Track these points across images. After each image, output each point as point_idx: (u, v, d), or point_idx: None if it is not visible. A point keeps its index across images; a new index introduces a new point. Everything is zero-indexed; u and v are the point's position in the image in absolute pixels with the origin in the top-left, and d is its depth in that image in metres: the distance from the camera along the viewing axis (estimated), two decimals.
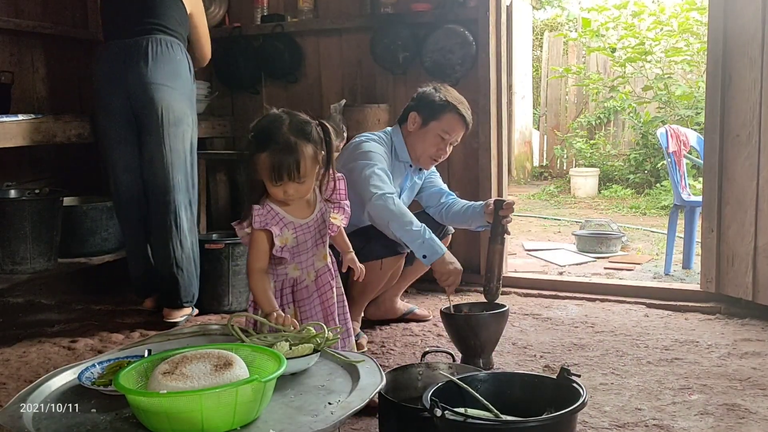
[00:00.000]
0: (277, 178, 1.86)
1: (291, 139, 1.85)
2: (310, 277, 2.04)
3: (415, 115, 2.76)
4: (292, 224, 1.95)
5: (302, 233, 1.98)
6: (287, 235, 1.95)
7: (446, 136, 2.73)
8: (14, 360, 2.67)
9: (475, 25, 3.49)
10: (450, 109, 2.71)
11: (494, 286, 2.51)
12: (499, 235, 2.54)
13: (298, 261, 2.00)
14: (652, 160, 7.59)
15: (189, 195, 3.05)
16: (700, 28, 7.11)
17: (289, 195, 1.90)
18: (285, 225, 1.94)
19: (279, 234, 1.93)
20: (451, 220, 2.90)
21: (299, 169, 1.85)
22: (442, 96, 2.72)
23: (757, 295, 3.00)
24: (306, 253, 2.01)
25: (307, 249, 2.01)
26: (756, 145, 2.95)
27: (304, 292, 2.04)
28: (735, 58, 3.00)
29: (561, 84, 9.32)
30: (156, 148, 2.95)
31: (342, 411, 1.47)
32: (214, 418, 1.36)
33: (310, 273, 2.04)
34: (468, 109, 2.76)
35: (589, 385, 2.20)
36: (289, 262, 1.99)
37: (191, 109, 3.07)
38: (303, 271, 2.02)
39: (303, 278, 2.03)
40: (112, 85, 2.94)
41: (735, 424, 1.99)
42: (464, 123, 2.74)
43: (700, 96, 6.47)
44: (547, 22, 11.55)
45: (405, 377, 2.00)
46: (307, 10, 3.84)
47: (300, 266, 2.01)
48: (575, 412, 1.55)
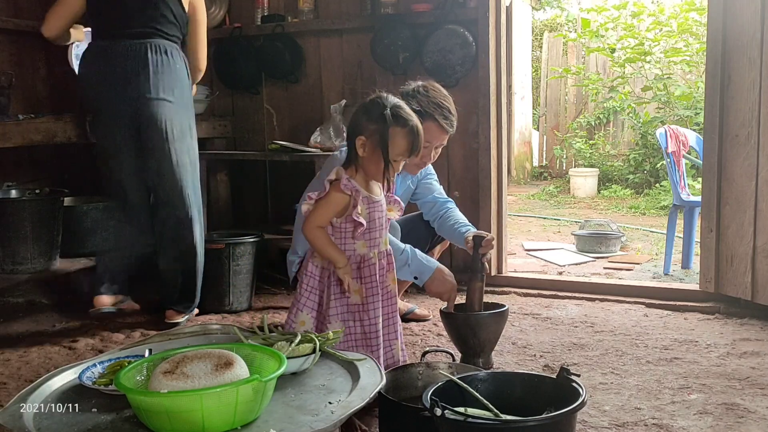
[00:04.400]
0: (414, 150, 2.03)
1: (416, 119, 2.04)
2: (375, 257, 2.10)
3: None
4: (367, 199, 2.05)
5: (374, 210, 2.07)
6: (362, 209, 2.04)
7: (427, 144, 2.61)
8: (15, 360, 2.67)
9: (475, 25, 3.49)
10: (427, 118, 2.56)
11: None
12: (478, 272, 2.48)
13: (367, 238, 2.08)
14: (652, 161, 7.60)
15: (198, 206, 3.05)
16: (699, 28, 7.11)
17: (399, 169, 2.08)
18: (361, 199, 2.03)
19: (360, 204, 2.03)
20: (441, 233, 2.85)
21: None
22: (420, 103, 2.56)
23: (756, 294, 3.01)
24: (375, 231, 2.08)
25: (376, 228, 2.08)
26: (755, 145, 2.95)
27: (371, 270, 2.09)
28: (734, 58, 3.01)
29: (560, 84, 9.32)
30: (164, 164, 2.93)
31: (342, 410, 1.48)
32: (214, 418, 1.37)
33: (376, 252, 2.10)
34: (450, 113, 2.63)
35: (588, 385, 2.21)
36: (359, 237, 2.06)
37: (192, 119, 3.05)
38: (370, 249, 2.09)
39: (370, 256, 2.09)
40: (112, 91, 2.88)
41: (734, 424, 2.00)
42: (443, 129, 2.63)
43: (700, 96, 6.48)
44: (546, 22, 11.54)
45: (405, 377, 2.01)
46: (307, 10, 3.84)
47: (368, 244, 2.08)
48: (575, 411, 1.56)
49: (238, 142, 4.15)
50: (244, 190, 4.18)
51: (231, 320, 3.15)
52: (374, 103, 2.06)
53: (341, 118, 3.57)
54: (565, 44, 9.44)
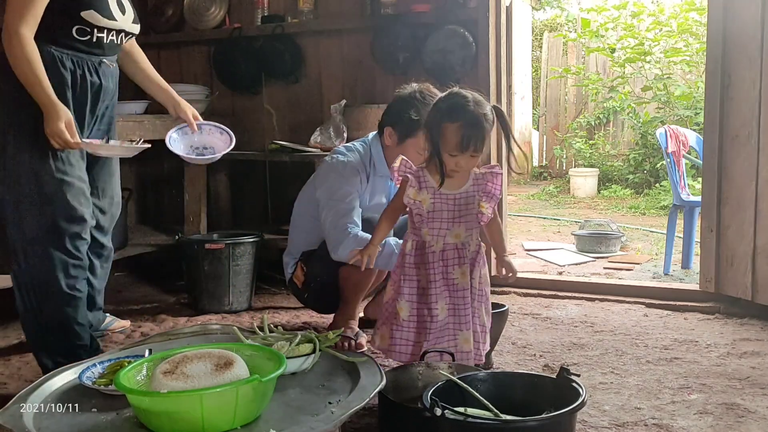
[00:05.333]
0: (464, 147, 2.02)
1: (479, 116, 2.03)
2: (438, 246, 2.12)
3: (390, 130, 2.63)
4: (433, 189, 2.09)
5: (439, 201, 2.10)
6: (424, 197, 2.09)
7: (424, 152, 2.58)
8: (15, 360, 2.67)
9: (475, 25, 3.49)
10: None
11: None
12: None
13: (430, 227, 2.11)
14: (652, 161, 7.60)
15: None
16: (699, 28, 7.11)
17: (459, 166, 2.06)
18: (426, 187, 2.09)
19: (414, 187, 2.09)
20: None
21: (483, 143, 2.03)
22: (418, 111, 2.51)
23: (756, 294, 3.00)
24: (439, 222, 2.11)
25: (441, 219, 2.10)
26: (755, 145, 2.95)
27: (431, 257, 2.12)
28: (734, 58, 3.01)
29: (560, 84, 9.32)
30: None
31: (342, 410, 1.48)
32: (214, 418, 1.37)
33: (439, 242, 2.12)
34: None
35: (588, 385, 2.21)
36: (420, 224, 2.12)
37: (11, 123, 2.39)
38: (433, 237, 2.11)
39: (431, 244, 2.12)
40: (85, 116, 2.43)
41: (734, 423, 2.00)
42: None
43: (700, 96, 6.47)
44: (546, 22, 11.53)
45: (405, 377, 2.01)
46: (307, 11, 3.84)
47: (431, 233, 2.11)
48: (575, 411, 1.56)
49: (238, 142, 4.12)
50: (244, 190, 4.18)
51: (231, 320, 3.15)
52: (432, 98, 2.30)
53: (341, 118, 3.57)
54: (565, 44, 9.45)
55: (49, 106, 2.18)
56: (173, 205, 4.28)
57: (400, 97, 2.63)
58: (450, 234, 2.12)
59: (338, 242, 2.52)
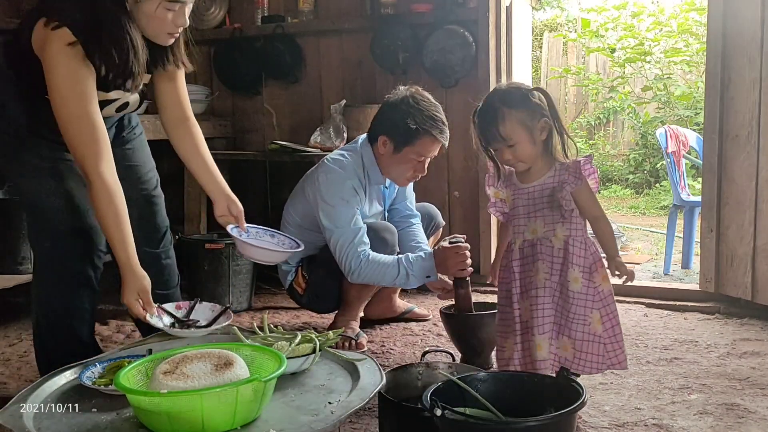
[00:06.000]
0: (484, 142, 2.00)
1: (493, 104, 1.96)
2: (518, 243, 2.06)
3: (385, 139, 2.58)
4: (514, 186, 2.07)
5: (518, 197, 2.05)
6: (506, 194, 2.08)
7: (422, 158, 2.58)
8: (15, 360, 2.67)
9: (475, 25, 3.49)
10: (424, 134, 2.51)
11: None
12: (456, 285, 2.48)
13: (513, 224, 2.08)
14: (652, 161, 7.60)
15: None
16: (699, 28, 7.11)
17: (507, 159, 2.00)
18: (510, 185, 2.07)
19: (492, 185, 2.10)
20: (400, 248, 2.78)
21: (500, 132, 1.94)
22: (415, 119, 2.49)
23: (756, 295, 3.00)
24: (518, 218, 2.06)
25: (519, 215, 2.05)
26: (755, 145, 2.95)
27: (511, 255, 2.08)
28: (734, 58, 3.01)
29: (560, 84, 9.31)
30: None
31: (342, 410, 1.48)
32: (214, 418, 1.37)
33: (519, 239, 2.06)
34: (443, 124, 2.55)
35: (588, 385, 2.20)
36: (507, 222, 2.11)
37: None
38: (515, 234, 2.07)
39: (514, 242, 2.08)
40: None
41: (734, 424, 2.00)
42: (438, 142, 2.55)
43: (700, 96, 6.48)
44: (546, 22, 11.52)
45: (405, 377, 2.01)
46: (307, 11, 3.84)
47: (514, 229, 2.07)
48: (575, 411, 1.56)
49: (238, 143, 4.15)
50: (244, 191, 4.17)
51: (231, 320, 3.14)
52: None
53: (341, 118, 3.57)
54: (565, 44, 9.44)
55: (126, 269, 1.96)
56: (173, 205, 4.27)
57: (392, 104, 2.58)
58: (527, 230, 2.03)
59: (354, 268, 2.52)
